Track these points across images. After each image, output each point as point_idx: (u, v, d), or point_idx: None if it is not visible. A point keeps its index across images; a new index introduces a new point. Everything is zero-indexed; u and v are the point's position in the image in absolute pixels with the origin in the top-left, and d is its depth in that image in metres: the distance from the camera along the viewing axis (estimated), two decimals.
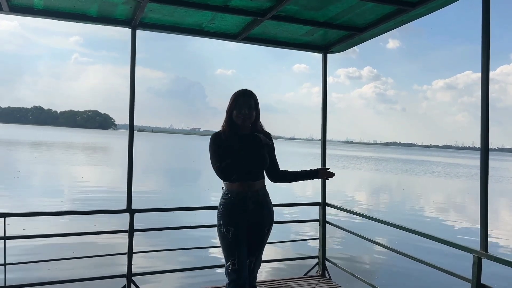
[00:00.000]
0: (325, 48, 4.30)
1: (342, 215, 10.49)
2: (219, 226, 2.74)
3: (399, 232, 3.66)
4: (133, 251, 3.69)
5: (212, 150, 2.70)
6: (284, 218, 8.97)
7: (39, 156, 32.78)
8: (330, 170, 3.06)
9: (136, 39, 3.60)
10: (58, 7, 3.28)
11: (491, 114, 2.61)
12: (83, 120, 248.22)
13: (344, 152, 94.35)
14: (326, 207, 4.50)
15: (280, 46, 4.23)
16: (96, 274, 4.00)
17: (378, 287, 3.71)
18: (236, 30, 3.84)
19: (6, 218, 3.33)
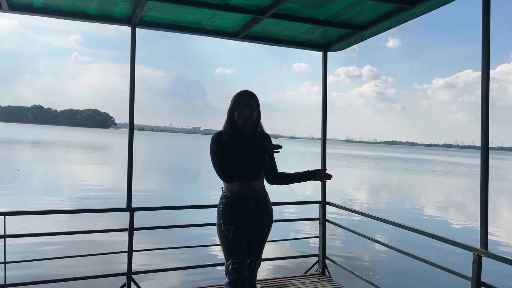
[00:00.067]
0: (325, 46, 4.30)
1: (342, 214, 10.51)
2: (219, 226, 2.74)
3: (399, 231, 3.67)
4: (133, 250, 3.69)
5: (213, 150, 2.71)
6: (284, 216, 8.95)
7: (39, 155, 32.78)
8: (328, 171, 3.03)
9: (136, 37, 3.60)
10: (57, 5, 3.27)
11: (491, 113, 2.61)
12: (83, 119, 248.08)
13: (344, 151, 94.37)
14: (326, 206, 4.50)
15: (280, 44, 4.23)
16: (96, 272, 4.01)
17: (378, 285, 3.72)
18: (236, 28, 3.84)
19: (6, 217, 3.34)
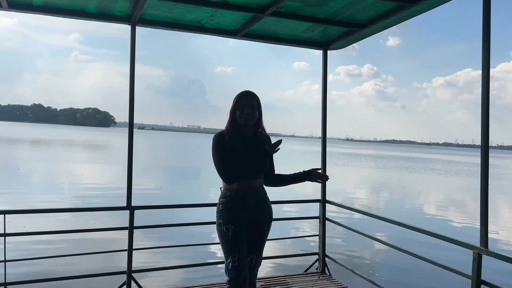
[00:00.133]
0: (325, 44, 4.30)
1: (342, 212, 10.52)
2: (219, 225, 2.75)
3: (399, 229, 3.67)
4: (133, 248, 3.70)
5: (214, 150, 2.72)
6: (284, 215, 8.99)
7: (39, 154, 32.78)
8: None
9: (136, 35, 3.60)
10: (57, 4, 3.27)
11: (491, 112, 2.60)
12: (83, 118, 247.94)
13: (344, 150, 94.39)
14: (326, 204, 4.50)
15: (280, 42, 4.22)
16: (96, 270, 4.01)
17: (378, 283, 3.72)
18: (236, 27, 3.83)
19: (6, 215, 3.34)
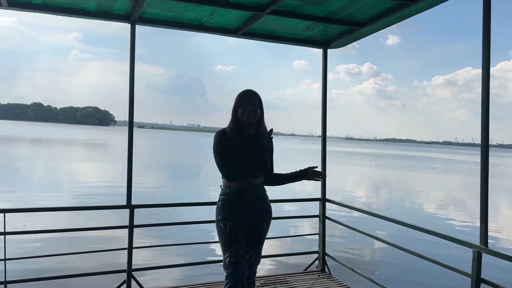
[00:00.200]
0: (325, 43, 4.29)
1: (342, 211, 10.51)
2: (218, 221, 2.78)
3: (399, 228, 3.67)
4: (133, 247, 3.70)
5: (216, 147, 2.74)
6: (284, 214, 9.00)
7: (39, 153, 32.78)
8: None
9: (136, 34, 3.59)
10: (56, 2, 3.27)
11: (491, 110, 2.60)
12: (82, 117, 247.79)
13: (344, 149, 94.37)
14: (326, 203, 4.50)
15: (280, 41, 4.22)
16: (96, 269, 4.02)
17: (377, 282, 3.73)
18: (235, 25, 3.83)
19: (6, 214, 3.34)
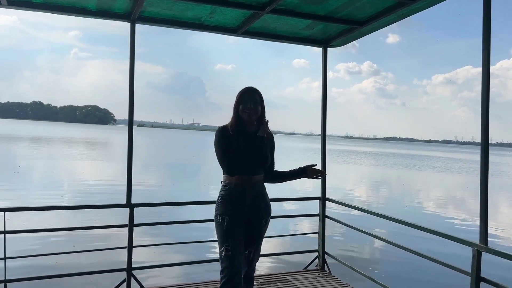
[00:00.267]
0: (325, 42, 4.29)
1: (342, 210, 10.52)
2: (216, 216, 2.80)
3: (398, 226, 3.67)
4: (133, 245, 3.70)
5: (217, 142, 2.76)
6: (284, 212, 8.97)
7: (39, 151, 32.78)
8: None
9: (136, 33, 3.59)
10: (56, 1, 3.26)
11: (491, 109, 2.59)
12: (82, 115, 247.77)
13: (344, 147, 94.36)
14: (326, 202, 4.51)
15: (280, 40, 4.22)
16: (96, 268, 4.01)
17: (377, 280, 3.73)
18: (235, 24, 3.82)
19: (6, 213, 3.34)
